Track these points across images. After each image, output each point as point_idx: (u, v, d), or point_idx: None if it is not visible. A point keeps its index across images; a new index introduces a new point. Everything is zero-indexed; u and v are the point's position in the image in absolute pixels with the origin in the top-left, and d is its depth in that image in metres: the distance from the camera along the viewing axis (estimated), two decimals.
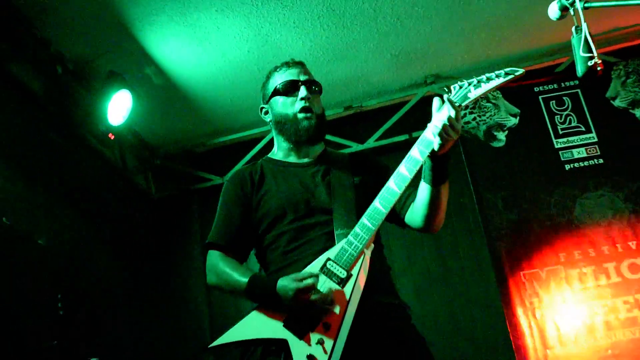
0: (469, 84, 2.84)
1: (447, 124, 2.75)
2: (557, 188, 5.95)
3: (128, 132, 6.82)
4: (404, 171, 2.87)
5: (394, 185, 2.88)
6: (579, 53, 2.85)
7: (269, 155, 3.51)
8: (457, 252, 6.57)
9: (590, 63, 2.80)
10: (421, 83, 7.08)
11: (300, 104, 3.29)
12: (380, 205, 2.88)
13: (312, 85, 3.38)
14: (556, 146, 6.09)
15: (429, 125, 2.86)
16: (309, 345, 2.74)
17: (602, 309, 5.52)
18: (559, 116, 6.22)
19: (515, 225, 5.84)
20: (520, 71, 2.83)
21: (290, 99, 3.33)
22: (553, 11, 3.04)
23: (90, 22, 5.52)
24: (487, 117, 6.34)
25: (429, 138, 2.83)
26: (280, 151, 3.44)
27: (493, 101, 6.38)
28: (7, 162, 4.98)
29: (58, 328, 4.90)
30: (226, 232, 3.24)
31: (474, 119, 6.34)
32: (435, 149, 2.81)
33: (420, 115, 6.97)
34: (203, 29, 5.82)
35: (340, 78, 6.77)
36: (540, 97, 6.40)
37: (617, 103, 6.22)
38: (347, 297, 2.77)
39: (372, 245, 2.92)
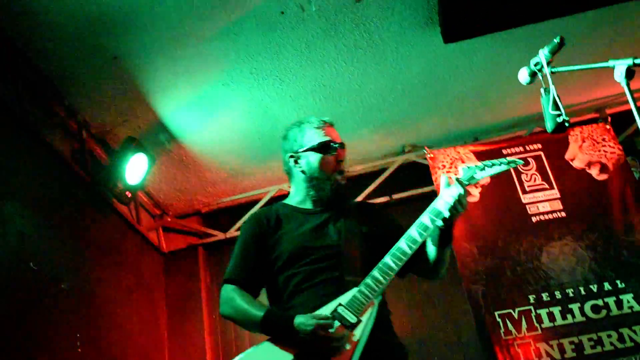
0: (476, 167, 2.98)
1: (457, 199, 2.86)
2: (525, 238, 5.97)
3: (143, 193, 6.86)
4: (415, 234, 2.91)
5: (406, 246, 2.91)
6: (549, 111, 2.89)
7: (285, 201, 3.47)
8: (441, 293, 6.57)
9: (559, 120, 2.85)
10: (400, 151, 7.17)
11: (338, 166, 3.29)
12: (392, 262, 2.89)
13: (345, 149, 3.39)
14: (523, 201, 6.12)
15: (439, 197, 2.95)
16: None
17: (569, 346, 5.48)
18: (525, 175, 6.26)
19: (489, 271, 5.85)
20: (521, 162, 3.08)
21: (328, 159, 3.28)
22: (523, 76, 3.08)
23: (112, 93, 5.60)
24: None
25: (439, 208, 2.91)
26: (297, 197, 3.41)
27: (467, 162, 6.46)
28: (37, 214, 4.97)
29: None
30: (242, 269, 3.18)
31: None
32: (447, 216, 2.87)
33: (399, 179, 7.12)
34: (211, 101, 5.90)
35: None
36: (507, 158, 6.41)
37: (575, 163, 6.30)
38: (356, 339, 2.75)
39: (381, 296, 2.93)
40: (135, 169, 5.94)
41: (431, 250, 3.08)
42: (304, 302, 2.98)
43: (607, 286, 5.71)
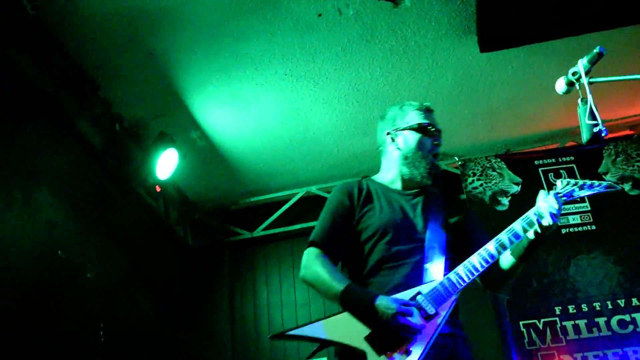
0: (575, 184, 2.96)
1: (553, 213, 2.81)
2: (553, 249, 5.91)
3: (172, 188, 6.85)
4: (505, 240, 2.88)
5: (494, 250, 2.88)
6: (585, 121, 2.82)
7: (373, 177, 3.43)
8: (465, 300, 6.49)
9: (595, 130, 2.78)
10: None
11: (436, 149, 3.33)
12: (478, 263, 2.86)
13: (441, 134, 3.42)
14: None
15: (534, 208, 2.89)
16: None
17: (593, 359, 5.46)
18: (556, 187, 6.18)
19: (516, 280, 5.78)
20: (619, 188, 2.99)
21: (429, 140, 3.31)
22: (560, 86, 3.00)
23: (147, 88, 5.60)
24: (493, 184, 6.35)
25: (532, 219, 2.86)
26: (387, 176, 3.37)
27: (498, 170, 6.40)
28: (67, 203, 4.98)
29: (99, 352, 4.84)
30: (328, 234, 3.14)
31: (481, 185, 6.35)
32: (539, 230, 2.81)
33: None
34: (244, 100, 5.86)
35: (360, 151, 6.76)
36: (540, 169, 6.41)
37: (608, 178, 6.25)
38: (433, 331, 2.74)
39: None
40: (165, 164, 5.91)
41: (507, 260, 3.03)
42: (382, 282, 2.96)
43: (635, 302, 5.67)
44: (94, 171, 5.51)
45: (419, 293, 2.83)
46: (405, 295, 2.83)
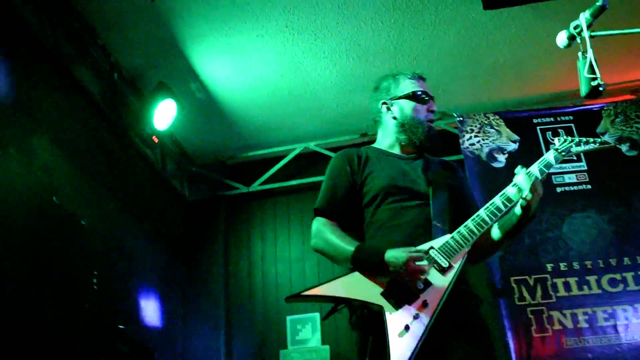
0: (572, 141, 3.10)
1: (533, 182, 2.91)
2: (548, 207, 5.90)
3: (170, 140, 6.82)
4: (511, 193, 2.98)
5: (501, 203, 2.98)
6: (584, 75, 2.83)
7: (374, 145, 3.51)
8: None
9: (593, 83, 2.79)
10: None
11: (430, 116, 3.36)
12: (487, 216, 2.95)
13: (434, 102, 3.45)
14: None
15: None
16: (407, 316, 2.73)
17: (583, 316, 5.52)
18: (554, 145, 6.19)
19: None
20: (612, 144, 3.12)
21: (423, 107, 3.36)
22: (561, 39, 3.00)
23: (147, 37, 5.55)
24: (490, 141, 6.33)
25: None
26: (385, 142, 3.45)
27: (496, 128, 6.38)
28: (63, 150, 4.95)
29: (90, 300, 4.86)
30: (332, 201, 3.23)
31: (478, 141, 6.33)
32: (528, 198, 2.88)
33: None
34: (244, 52, 5.81)
35: (360, 107, 6.71)
36: (538, 127, 6.38)
37: (606, 138, 6.23)
38: (448, 283, 2.81)
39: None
40: (163, 115, 5.88)
41: (493, 234, 3.11)
42: (391, 240, 2.99)
43: (626, 261, 5.71)
44: (92, 119, 5.48)
45: (431, 247, 2.89)
46: (419, 249, 2.88)
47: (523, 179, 2.92)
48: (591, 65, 2.84)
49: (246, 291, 7.03)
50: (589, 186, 6.07)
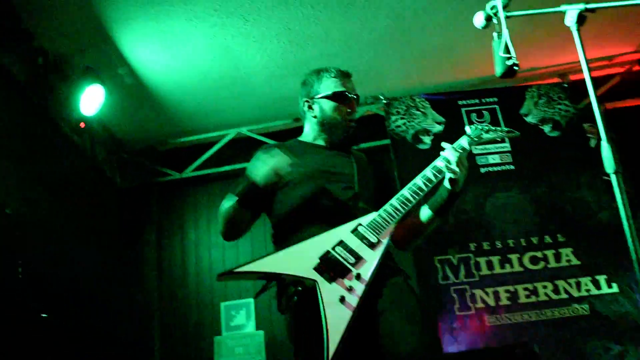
0: (482, 129, 3.18)
1: (460, 154, 2.99)
2: (472, 187, 6.02)
3: (99, 125, 6.70)
4: (430, 174, 3.02)
5: (421, 183, 3.01)
6: (499, 54, 2.88)
7: (299, 138, 3.50)
8: None
9: (508, 63, 2.84)
10: (361, 102, 7.02)
11: (349, 115, 3.33)
12: (409, 195, 2.99)
13: (358, 100, 3.43)
14: (474, 152, 6.15)
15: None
16: (341, 288, 2.76)
17: (505, 294, 5.66)
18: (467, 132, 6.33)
19: None
20: (517, 134, 3.35)
21: (341, 108, 3.32)
22: (479, 20, 3.04)
23: (72, 20, 5.39)
24: (416, 123, 6.40)
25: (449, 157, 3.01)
26: (310, 136, 3.45)
27: (422, 110, 6.44)
28: None
29: (16, 289, 4.77)
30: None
31: (404, 123, 6.39)
32: (452, 175, 2.97)
33: (359, 130, 7.03)
34: (173, 36, 5.72)
35: (292, 91, 6.48)
36: (462, 109, 6.48)
37: (529, 119, 6.40)
38: (377, 258, 2.85)
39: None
40: (91, 100, 5.78)
41: (425, 214, 3.16)
42: (317, 223, 3.02)
43: (547, 239, 5.89)
44: (17, 105, 5.35)
45: (359, 224, 2.93)
46: (347, 227, 2.93)
47: (450, 153, 2.98)
48: (506, 45, 2.89)
49: (180, 278, 6.99)
50: (512, 166, 6.20)
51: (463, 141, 3.10)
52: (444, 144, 3.06)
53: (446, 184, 3.02)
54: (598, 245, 5.81)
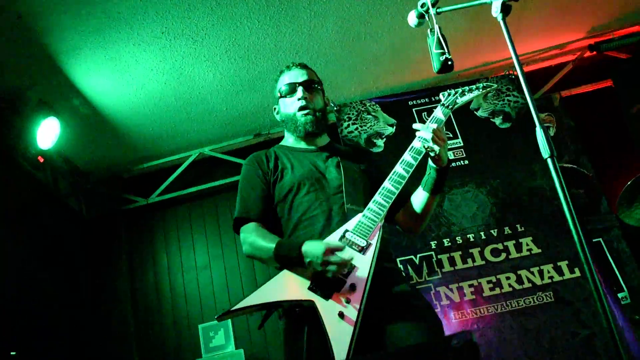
0: (456, 93, 3.19)
1: (436, 129, 2.99)
2: None
3: (60, 158, 6.66)
4: (409, 158, 3.05)
5: (403, 170, 3.03)
6: (433, 50, 2.94)
7: (281, 143, 3.57)
8: None
9: (442, 58, 2.89)
10: None
11: (298, 104, 3.37)
12: (392, 186, 3.00)
13: (312, 84, 3.46)
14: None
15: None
16: (338, 304, 2.75)
17: (469, 289, 5.69)
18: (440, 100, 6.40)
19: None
20: (494, 86, 3.29)
21: (291, 100, 3.41)
22: (412, 19, 3.12)
23: (19, 56, 5.35)
24: (368, 127, 6.45)
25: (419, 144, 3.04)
26: (289, 140, 3.52)
27: (373, 114, 6.50)
28: None
29: None
30: (251, 205, 3.25)
31: (356, 128, 6.44)
32: (433, 153, 3.00)
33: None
34: (123, 62, 5.71)
35: (250, 108, 6.74)
36: (413, 109, 6.56)
37: (479, 113, 6.47)
38: (369, 262, 2.83)
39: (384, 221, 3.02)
40: (47, 134, 5.75)
41: (421, 197, 3.19)
42: (308, 232, 3.07)
43: (507, 230, 5.94)
44: None
45: (346, 231, 2.94)
46: (333, 236, 2.94)
47: (424, 131, 2.99)
48: (439, 41, 2.94)
49: (155, 304, 6.95)
50: (466, 161, 6.26)
51: (438, 112, 3.13)
52: (415, 126, 3.06)
53: (430, 162, 3.05)
54: (557, 231, 5.84)
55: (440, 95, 3.21)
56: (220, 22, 5.49)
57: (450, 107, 3.15)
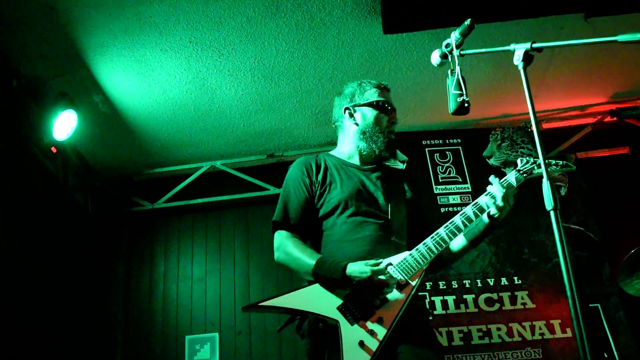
0: (534, 162, 3.14)
1: (506, 191, 3.04)
2: (432, 226, 6.04)
3: (72, 152, 6.69)
4: (471, 213, 3.06)
5: (460, 222, 3.05)
6: (451, 91, 2.94)
7: (331, 152, 3.56)
8: None
9: (459, 100, 2.89)
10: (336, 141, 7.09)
11: (391, 126, 3.44)
12: (446, 235, 3.03)
13: (395, 114, 3.52)
14: (435, 191, 6.24)
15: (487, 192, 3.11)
16: (362, 331, 2.77)
17: (458, 334, 5.65)
18: (440, 166, 6.41)
19: None
20: (573, 168, 3.23)
21: (385, 117, 3.42)
22: (435, 58, 3.13)
23: (48, 44, 5.43)
24: None
25: (485, 201, 3.07)
26: (344, 151, 3.51)
27: None
28: None
29: None
30: (291, 213, 3.25)
31: None
32: (493, 213, 3.04)
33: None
34: (148, 65, 5.76)
35: (266, 128, 6.77)
36: (426, 149, 6.59)
37: (491, 162, 6.47)
38: (403, 301, 2.86)
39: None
40: (63, 125, 5.79)
41: (458, 242, 3.23)
42: (350, 254, 3.03)
43: (504, 281, 5.91)
44: None
45: (390, 264, 2.94)
46: (379, 263, 2.93)
47: (497, 188, 3.02)
48: (458, 82, 2.95)
49: (146, 309, 6.92)
50: None
51: (511, 177, 3.11)
52: (492, 179, 3.08)
53: (484, 217, 3.06)
54: (554, 289, 5.81)
55: (518, 161, 3.19)
56: (248, 39, 5.54)
57: (525, 175, 3.13)
